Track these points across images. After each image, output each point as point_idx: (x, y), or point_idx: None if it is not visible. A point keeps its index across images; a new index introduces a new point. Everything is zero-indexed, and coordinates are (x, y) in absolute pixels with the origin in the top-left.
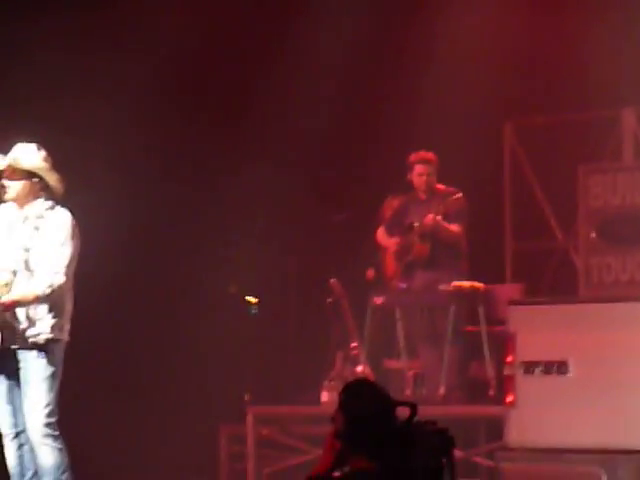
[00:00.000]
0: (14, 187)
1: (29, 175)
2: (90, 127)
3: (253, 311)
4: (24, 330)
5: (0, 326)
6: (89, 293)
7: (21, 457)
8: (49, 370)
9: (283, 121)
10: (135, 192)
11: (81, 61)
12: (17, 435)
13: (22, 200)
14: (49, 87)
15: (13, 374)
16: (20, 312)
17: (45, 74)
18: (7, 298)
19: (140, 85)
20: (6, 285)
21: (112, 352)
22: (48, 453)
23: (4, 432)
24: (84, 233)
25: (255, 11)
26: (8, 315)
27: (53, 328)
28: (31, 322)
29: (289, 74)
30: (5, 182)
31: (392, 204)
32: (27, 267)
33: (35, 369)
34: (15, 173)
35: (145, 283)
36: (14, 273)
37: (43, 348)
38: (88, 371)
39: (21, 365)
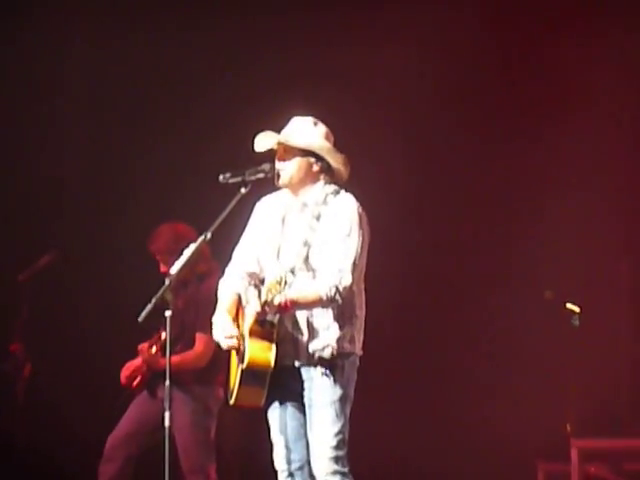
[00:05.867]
0: (287, 169)
1: (304, 154)
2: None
3: (575, 322)
4: (307, 343)
5: (280, 338)
6: (380, 298)
7: None
8: (338, 392)
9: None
10: (440, 183)
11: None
12: (293, 474)
13: (297, 185)
14: None
15: (292, 397)
16: (302, 321)
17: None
18: (282, 297)
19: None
20: (279, 283)
21: (411, 369)
22: None
23: (278, 468)
24: (373, 226)
25: None
26: (289, 325)
27: (341, 340)
28: (315, 333)
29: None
30: (278, 165)
31: None
32: (307, 266)
33: (320, 390)
34: (287, 152)
35: (448, 288)
36: (292, 272)
37: (330, 364)
38: (382, 390)
39: (305, 386)
